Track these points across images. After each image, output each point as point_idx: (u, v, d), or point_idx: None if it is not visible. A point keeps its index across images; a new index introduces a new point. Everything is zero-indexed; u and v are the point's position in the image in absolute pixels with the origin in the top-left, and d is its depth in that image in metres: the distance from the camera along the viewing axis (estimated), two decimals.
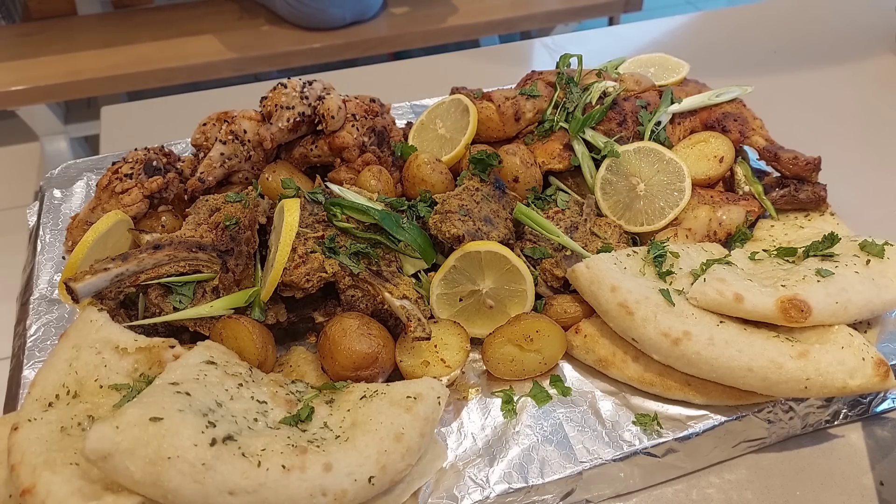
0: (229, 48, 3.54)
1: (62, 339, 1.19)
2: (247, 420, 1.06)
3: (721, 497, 1.22)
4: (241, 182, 1.58)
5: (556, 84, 1.67)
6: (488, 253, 1.34)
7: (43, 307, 1.44)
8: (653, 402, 1.27)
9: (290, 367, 1.31)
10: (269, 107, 1.55)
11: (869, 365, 1.19)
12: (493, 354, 1.29)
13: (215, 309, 1.27)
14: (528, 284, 1.35)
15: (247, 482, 0.95)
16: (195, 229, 1.35)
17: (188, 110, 2.17)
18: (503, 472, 1.17)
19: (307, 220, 1.35)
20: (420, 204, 1.44)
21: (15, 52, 3.55)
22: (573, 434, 1.22)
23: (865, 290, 1.27)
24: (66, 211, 1.69)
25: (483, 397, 1.29)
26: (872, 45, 2.50)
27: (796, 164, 1.59)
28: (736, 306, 1.25)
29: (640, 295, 1.27)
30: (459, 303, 1.36)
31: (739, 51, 2.51)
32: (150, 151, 1.57)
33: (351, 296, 1.33)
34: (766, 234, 1.56)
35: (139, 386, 1.11)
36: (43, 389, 1.11)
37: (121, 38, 3.61)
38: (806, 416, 1.28)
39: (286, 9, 3.59)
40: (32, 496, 0.95)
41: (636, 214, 1.52)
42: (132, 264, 1.24)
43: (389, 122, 1.67)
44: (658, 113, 1.64)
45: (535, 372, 1.31)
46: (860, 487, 1.24)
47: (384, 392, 1.14)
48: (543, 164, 1.57)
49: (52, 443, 1.02)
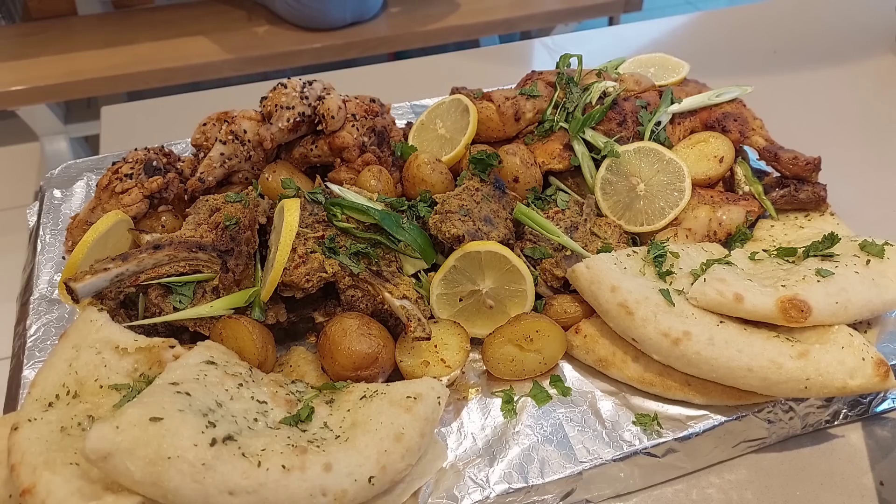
0: (229, 48, 3.54)
1: (62, 339, 1.19)
2: (247, 420, 1.06)
3: (721, 497, 1.22)
4: (241, 182, 1.58)
5: (556, 84, 1.67)
6: (488, 253, 1.34)
7: (43, 307, 1.44)
8: (653, 402, 1.27)
9: (290, 367, 1.31)
10: (269, 107, 1.55)
11: (869, 365, 1.19)
12: (493, 354, 1.29)
13: (215, 309, 1.27)
14: (528, 284, 1.35)
15: (247, 482, 0.95)
16: (195, 229, 1.35)
17: (188, 110, 2.17)
18: (503, 472, 1.17)
19: (307, 220, 1.35)
20: (420, 204, 1.44)
21: (15, 52, 3.54)
22: (573, 434, 1.22)
23: (865, 290, 1.27)
24: (66, 211, 1.69)
25: (483, 397, 1.29)
26: (872, 45, 2.50)
27: (796, 164, 1.59)
28: (736, 306, 1.25)
29: (640, 295, 1.27)
30: (459, 303, 1.36)
31: (739, 51, 2.51)
32: (150, 151, 1.57)
33: (351, 296, 1.33)
34: (766, 234, 1.56)
35: (139, 386, 1.11)
36: (43, 389, 1.11)
37: (121, 38, 3.61)
38: (806, 416, 1.28)
39: (286, 9, 3.58)
40: (32, 496, 0.95)
41: (636, 214, 1.52)
42: (132, 264, 1.24)
43: (389, 122, 1.67)
44: (658, 113, 1.64)
45: (535, 372, 1.31)
46: (860, 487, 1.24)
47: (384, 392, 1.14)
48: (543, 164, 1.57)
49: (52, 443, 1.02)
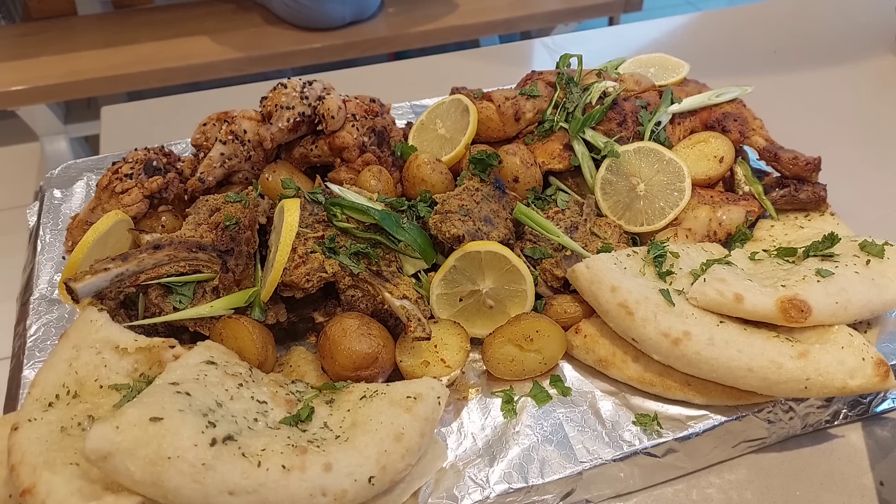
0: (229, 48, 3.54)
1: (62, 339, 1.19)
2: (247, 420, 1.06)
3: (721, 497, 1.22)
4: (241, 182, 1.58)
5: (556, 84, 1.67)
6: (488, 253, 1.34)
7: (43, 307, 1.44)
8: (653, 402, 1.27)
9: (290, 367, 1.31)
10: (269, 107, 1.55)
11: (869, 365, 1.19)
12: (493, 354, 1.29)
13: (215, 309, 1.27)
14: (528, 284, 1.35)
15: (247, 482, 0.95)
16: (195, 229, 1.35)
17: (188, 110, 2.17)
18: (503, 472, 1.17)
19: (307, 220, 1.35)
20: (420, 204, 1.44)
21: (15, 52, 3.54)
22: (573, 434, 1.22)
23: (865, 290, 1.27)
24: (66, 211, 1.69)
25: (483, 397, 1.29)
26: (872, 45, 2.50)
27: (796, 164, 1.59)
28: (736, 306, 1.25)
29: (640, 295, 1.27)
30: (459, 303, 1.36)
31: (739, 51, 2.51)
32: (150, 151, 1.57)
33: (351, 296, 1.33)
34: (766, 234, 1.56)
35: (139, 386, 1.11)
36: (43, 389, 1.11)
37: (121, 38, 3.61)
38: (806, 416, 1.28)
39: (284, 9, 3.58)
40: (32, 496, 0.95)
41: (636, 214, 1.52)
42: (132, 264, 1.24)
43: (389, 122, 1.67)
44: (658, 113, 1.64)
45: (534, 372, 1.31)
46: (860, 487, 1.24)
47: (384, 392, 1.14)
48: (543, 164, 1.57)
49: (52, 443, 1.02)
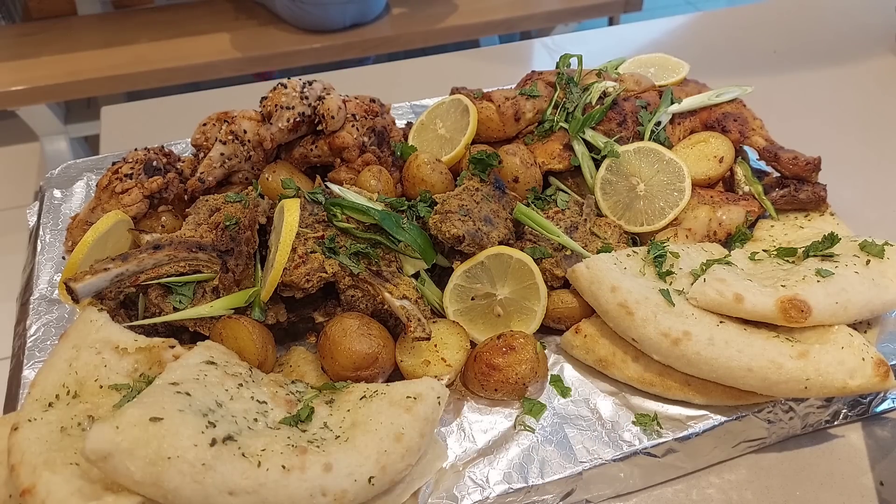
0: (229, 48, 3.54)
1: (62, 339, 1.19)
2: (247, 420, 1.06)
3: (721, 497, 1.22)
4: (241, 182, 1.58)
5: (556, 84, 1.67)
6: (518, 262, 1.34)
7: (43, 307, 1.44)
8: (653, 402, 1.27)
9: (290, 367, 1.31)
10: (269, 107, 1.55)
11: (869, 365, 1.19)
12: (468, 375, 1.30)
13: (215, 309, 1.27)
14: (540, 307, 1.35)
15: (247, 482, 0.95)
16: (195, 229, 1.35)
17: (188, 110, 2.17)
18: (503, 472, 1.17)
19: (307, 220, 1.35)
20: (420, 204, 1.44)
21: (15, 52, 3.55)
22: (573, 434, 1.22)
23: (865, 290, 1.27)
24: (66, 211, 1.69)
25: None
26: (872, 45, 2.50)
27: (796, 164, 1.59)
28: (736, 306, 1.25)
29: (640, 295, 1.27)
30: (471, 301, 1.36)
31: (739, 51, 2.51)
32: (150, 151, 1.57)
33: (351, 296, 1.33)
34: (766, 235, 1.56)
35: (139, 386, 1.11)
36: (43, 389, 1.11)
37: (121, 38, 3.61)
38: (806, 416, 1.28)
39: (286, 11, 3.58)
40: (32, 496, 0.95)
41: (636, 214, 1.52)
42: (132, 264, 1.24)
43: (389, 122, 1.67)
44: (658, 113, 1.64)
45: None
46: (860, 487, 1.24)
47: (384, 392, 1.14)
48: (543, 164, 1.57)
49: (52, 443, 1.02)
